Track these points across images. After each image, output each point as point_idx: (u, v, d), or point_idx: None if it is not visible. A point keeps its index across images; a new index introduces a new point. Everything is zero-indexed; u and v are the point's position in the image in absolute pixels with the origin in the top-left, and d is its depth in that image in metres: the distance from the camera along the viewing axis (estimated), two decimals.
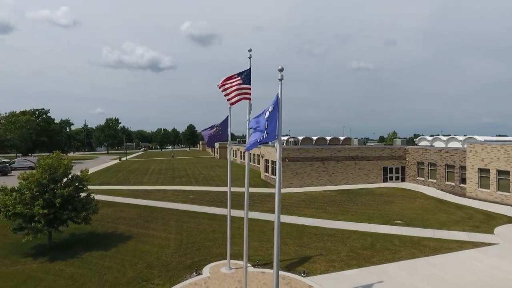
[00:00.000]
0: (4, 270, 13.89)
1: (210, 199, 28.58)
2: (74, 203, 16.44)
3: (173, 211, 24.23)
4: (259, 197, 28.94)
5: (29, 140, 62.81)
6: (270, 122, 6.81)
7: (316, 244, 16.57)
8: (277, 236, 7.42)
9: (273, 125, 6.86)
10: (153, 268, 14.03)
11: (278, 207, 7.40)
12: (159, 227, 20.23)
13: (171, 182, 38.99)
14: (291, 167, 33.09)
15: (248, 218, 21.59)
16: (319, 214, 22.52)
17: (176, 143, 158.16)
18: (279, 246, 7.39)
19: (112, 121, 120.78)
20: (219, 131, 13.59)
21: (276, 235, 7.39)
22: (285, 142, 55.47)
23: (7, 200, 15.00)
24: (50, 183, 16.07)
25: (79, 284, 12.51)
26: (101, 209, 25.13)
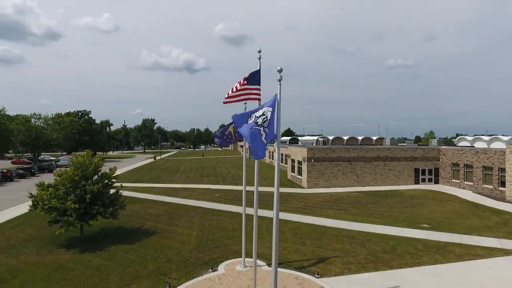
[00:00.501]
0: (40, 259, 15.17)
1: (234, 198, 29.05)
2: (102, 199, 17.55)
3: (198, 209, 24.98)
4: (283, 197, 28.94)
5: (72, 139, 67.45)
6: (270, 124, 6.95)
7: (334, 245, 16.37)
8: (276, 235, 7.53)
9: (272, 128, 6.99)
10: (172, 262, 14.63)
11: (277, 208, 7.51)
12: (182, 224, 20.97)
13: (200, 181, 40.07)
14: (316, 167, 32.74)
15: (268, 218, 21.87)
16: (342, 216, 22.14)
17: (209, 142, 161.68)
18: (277, 245, 7.50)
19: (148, 122, 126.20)
20: (236, 132, 13.82)
21: (274, 235, 7.51)
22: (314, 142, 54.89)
23: (44, 195, 16.37)
24: (81, 179, 17.27)
25: (103, 275, 13.38)
26: (132, 205, 26.63)
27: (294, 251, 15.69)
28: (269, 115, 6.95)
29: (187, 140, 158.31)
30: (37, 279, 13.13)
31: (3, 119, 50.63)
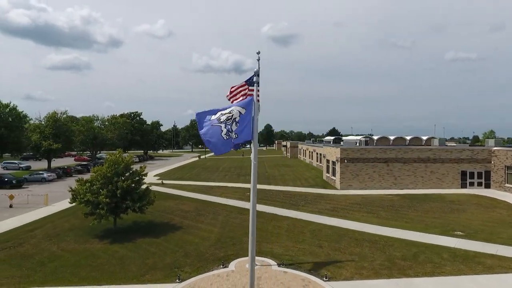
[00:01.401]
0: (76, 247, 16.86)
1: (264, 197, 29.30)
2: (132, 194, 18.91)
3: (225, 207, 25.68)
4: (313, 198, 28.56)
5: (125, 139, 72.96)
6: (240, 124, 7.11)
7: (352, 249, 15.87)
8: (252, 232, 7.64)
9: (243, 127, 7.14)
10: (189, 257, 15.35)
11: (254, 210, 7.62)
12: (208, 220, 21.76)
13: (235, 180, 40.97)
14: (350, 168, 31.68)
15: (293, 218, 21.75)
16: (369, 219, 21.27)
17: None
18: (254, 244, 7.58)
19: (196, 122, 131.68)
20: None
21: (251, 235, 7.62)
22: (357, 142, 53.07)
23: (80, 189, 18.14)
24: (114, 176, 18.80)
25: (125, 265, 14.50)
26: (167, 201, 28.23)
27: (308, 253, 15.52)
28: (237, 114, 7.10)
29: None
30: (69, 264, 14.66)
31: (65, 120, 56.44)
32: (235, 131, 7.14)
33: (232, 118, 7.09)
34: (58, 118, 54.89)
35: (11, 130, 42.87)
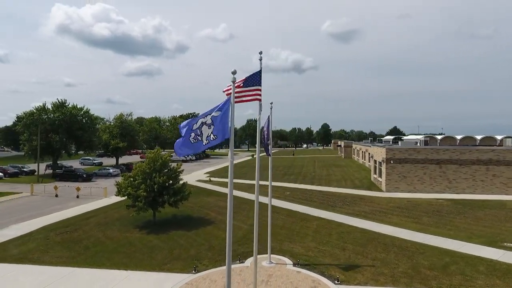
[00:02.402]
0: (118, 235, 18.77)
1: (303, 197, 29.06)
2: (168, 189, 20.39)
3: (260, 205, 26.02)
4: (353, 200, 27.48)
5: None
6: (218, 125, 7.42)
7: (377, 254, 15.10)
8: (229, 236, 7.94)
9: (220, 128, 7.44)
10: (211, 250, 16.11)
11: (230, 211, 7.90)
12: (240, 217, 22.40)
13: (280, 179, 41.13)
14: (397, 170, 29.70)
15: (325, 219, 21.33)
16: (407, 224, 19.86)
17: (310, 141, 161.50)
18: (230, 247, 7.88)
19: (252, 122, 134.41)
20: (265, 132, 14.40)
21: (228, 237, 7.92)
22: (418, 141, 49.54)
23: (123, 184, 20.13)
24: (152, 172, 20.47)
25: (153, 254, 15.79)
26: (209, 197, 29.68)
27: (329, 255, 15.18)
28: (209, 118, 7.43)
29: (288, 139, 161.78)
30: (108, 250, 16.44)
31: (131, 122, 62.29)
32: (213, 132, 7.48)
33: (204, 123, 7.47)
34: (124, 119, 60.84)
35: (84, 130, 48.74)
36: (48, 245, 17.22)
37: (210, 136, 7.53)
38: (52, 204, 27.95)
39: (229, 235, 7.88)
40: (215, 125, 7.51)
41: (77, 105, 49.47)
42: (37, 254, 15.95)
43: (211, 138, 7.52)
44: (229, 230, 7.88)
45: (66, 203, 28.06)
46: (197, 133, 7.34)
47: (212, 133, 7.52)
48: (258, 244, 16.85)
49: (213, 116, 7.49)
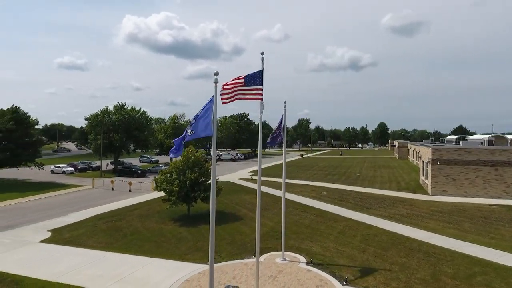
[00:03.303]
0: (154, 226, 20.44)
1: (338, 197, 28.42)
2: (199, 186, 21.62)
3: (293, 204, 26.17)
4: (392, 202, 26.14)
5: (233, 138, 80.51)
6: (197, 121, 8.01)
7: (397, 259, 14.41)
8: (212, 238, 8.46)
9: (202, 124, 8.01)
10: (232, 244, 16.82)
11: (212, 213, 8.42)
12: (269, 215, 22.81)
13: (321, 179, 40.51)
14: (444, 172, 27.41)
15: (354, 221, 20.83)
16: (443, 230, 18.45)
17: (365, 141, 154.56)
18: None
19: (303, 121, 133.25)
20: (278, 130, 14.67)
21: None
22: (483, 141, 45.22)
23: (159, 179, 21.85)
24: (185, 169, 21.88)
25: (178, 244, 16.98)
26: (245, 195, 30.59)
27: (346, 256, 14.90)
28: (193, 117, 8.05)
29: (342, 139, 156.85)
30: (142, 238, 18.06)
31: (184, 122, 66.17)
32: (191, 128, 8.10)
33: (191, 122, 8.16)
34: (177, 120, 64.92)
35: (141, 130, 53.17)
36: (94, 231, 19.48)
37: (188, 132, 8.15)
38: (107, 196, 31.21)
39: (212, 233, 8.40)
40: (193, 123, 8.13)
41: (134, 107, 54.20)
42: (84, 238, 18.18)
43: (188, 134, 8.14)
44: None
45: (119, 196, 31.10)
46: (186, 132, 8.04)
47: (190, 129, 8.13)
48: (279, 241, 17.21)
49: (196, 115, 8.12)
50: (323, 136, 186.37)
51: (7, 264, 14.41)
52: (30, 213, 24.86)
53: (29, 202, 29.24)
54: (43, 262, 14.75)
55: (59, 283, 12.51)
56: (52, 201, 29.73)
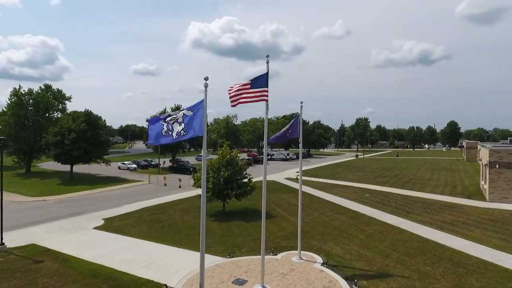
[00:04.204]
0: (189, 220, 21.94)
1: (380, 200, 27.17)
2: (232, 183, 22.62)
3: (329, 204, 25.80)
4: (439, 208, 24.20)
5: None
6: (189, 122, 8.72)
7: (421, 266, 13.60)
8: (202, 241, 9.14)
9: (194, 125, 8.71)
10: (255, 241, 17.36)
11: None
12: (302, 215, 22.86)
13: (369, 180, 38.85)
14: (505, 176, 24.41)
15: (389, 225, 20.01)
16: (488, 240, 16.72)
17: (432, 142, 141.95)
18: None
19: (361, 121, 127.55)
20: (289, 130, 14.86)
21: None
22: None
23: (196, 176, 23.36)
24: (220, 167, 23.05)
25: (207, 237, 17.59)
26: (284, 194, 30.95)
27: (365, 260, 14.50)
28: (181, 116, 8.76)
29: (405, 139, 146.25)
30: (177, 230, 19.59)
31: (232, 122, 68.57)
32: (184, 129, 8.85)
33: (175, 119, 8.86)
34: (230, 120, 67.50)
35: None
36: (139, 222, 21.67)
37: (180, 132, 8.92)
38: (159, 191, 34.09)
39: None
40: (185, 123, 8.87)
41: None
42: (128, 227, 20.37)
43: (181, 134, 8.91)
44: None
45: (169, 191, 33.74)
46: (169, 128, 8.84)
47: (182, 129, 8.90)
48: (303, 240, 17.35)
49: (184, 115, 8.87)
50: (385, 136, 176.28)
51: (63, 245, 16.94)
52: (93, 203, 28.46)
53: (95, 193, 33.38)
54: (90, 245, 17.00)
55: (96, 263, 14.41)
56: (113, 193, 33.51)
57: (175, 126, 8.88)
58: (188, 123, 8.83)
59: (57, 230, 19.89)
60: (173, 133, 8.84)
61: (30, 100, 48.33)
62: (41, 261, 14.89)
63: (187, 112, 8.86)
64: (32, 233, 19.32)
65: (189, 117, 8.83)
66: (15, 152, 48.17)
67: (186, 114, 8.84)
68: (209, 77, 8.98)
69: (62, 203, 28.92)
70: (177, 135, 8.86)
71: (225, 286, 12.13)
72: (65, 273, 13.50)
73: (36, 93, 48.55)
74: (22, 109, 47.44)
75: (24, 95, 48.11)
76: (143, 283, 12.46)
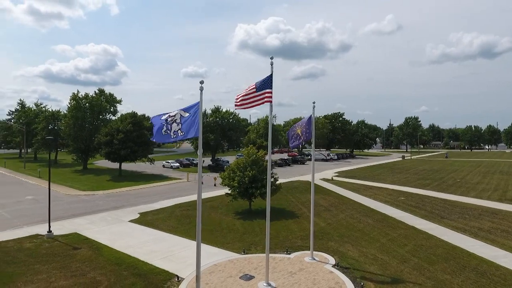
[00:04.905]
0: (217, 217, 22.84)
1: (415, 204, 25.83)
2: (256, 182, 23.09)
3: (359, 206, 25.17)
4: (479, 213, 22.53)
5: (325, 138, 79.37)
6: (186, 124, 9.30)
7: (438, 274, 12.92)
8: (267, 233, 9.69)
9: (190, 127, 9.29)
10: (274, 240, 17.62)
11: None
12: (326, 215, 22.69)
13: (409, 183, 36.89)
14: None
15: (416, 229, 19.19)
16: None
17: (493, 142, 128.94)
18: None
19: (411, 120, 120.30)
20: (307, 130, 14.93)
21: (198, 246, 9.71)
22: None
23: (222, 176, 24.22)
24: (246, 166, 23.66)
25: (228, 234, 18.78)
26: (315, 195, 30.59)
27: (380, 264, 14.13)
28: (178, 116, 9.38)
29: (461, 139, 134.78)
30: (207, 226, 20.42)
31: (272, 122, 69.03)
32: (181, 129, 9.47)
33: (173, 119, 9.50)
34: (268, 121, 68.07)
35: (234, 130, 58.00)
36: (169, 217, 23.07)
37: (178, 132, 9.55)
38: (195, 189, 35.67)
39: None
40: (183, 124, 9.50)
41: (229, 110, 59.45)
42: (159, 222, 21.81)
43: (178, 134, 9.54)
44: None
45: (204, 189, 34.96)
46: (168, 128, 9.52)
47: (180, 129, 9.53)
48: (320, 241, 17.29)
49: (181, 116, 9.50)
50: (439, 136, 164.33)
51: (100, 235, 18.74)
52: (134, 198, 30.73)
53: (137, 190, 35.95)
54: (122, 236, 18.59)
55: (123, 252, 15.79)
56: (153, 190, 35.80)
57: (173, 126, 9.55)
58: (185, 124, 9.47)
59: (98, 222, 21.95)
60: (171, 132, 9.52)
61: (86, 104, 53.27)
62: (78, 248, 16.68)
63: (183, 113, 9.49)
64: (76, 223, 21.57)
65: (186, 118, 9.46)
66: (74, 150, 53.47)
67: (183, 115, 9.47)
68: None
69: (108, 197, 31.64)
70: (174, 134, 9.53)
71: (232, 280, 12.64)
72: (95, 259, 15.03)
73: (91, 97, 53.39)
74: (79, 112, 52.49)
75: (81, 99, 53.17)
76: (159, 273, 13.46)
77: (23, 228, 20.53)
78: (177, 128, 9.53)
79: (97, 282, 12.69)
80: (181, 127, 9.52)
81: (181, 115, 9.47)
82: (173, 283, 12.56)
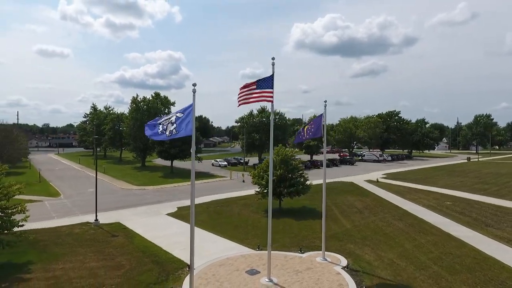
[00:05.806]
0: (246, 214, 23.56)
1: (461, 210, 23.67)
2: (284, 181, 23.31)
3: (395, 209, 24.02)
4: None
5: (378, 138, 75.22)
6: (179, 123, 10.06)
7: (456, 285, 12.05)
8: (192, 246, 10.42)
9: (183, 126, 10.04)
10: (292, 238, 17.88)
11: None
12: (355, 217, 22.07)
13: (463, 187, 33.64)
14: None
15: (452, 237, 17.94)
16: None
17: None
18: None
19: (482, 118, 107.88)
20: (312, 128, 14.89)
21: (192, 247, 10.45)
22: None
23: (252, 173, 24.87)
24: (276, 164, 23.99)
25: (250, 231, 19.36)
26: (353, 196, 29.89)
27: (394, 269, 13.55)
28: (173, 117, 10.18)
29: None
30: (230, 222, 21.39)
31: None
32: (175, 128, 10.28)
33: (169, 121, 10.34)
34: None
35: (280, 130, 58.37)
36: (203, 212, 24.42)
37: (173, 131, 10.38)
38: (235, 187, 36.91)
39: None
40: (177, 123, 10.31)
41: (275, 110, 59.94)
42: None
43: (173, 132, 10.36)
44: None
45: (243, 187, 36.24)
46: (164, 128, 10.41)
47: (174, 128, 10.35)
48: (340, 242, 17.02)
49: (176, 116, 10.33)
50: None
51: (137, 225, 20.69)
52: (178, 193, 32.96)
53: (183, 186, 38.36)
54: (156, 227, 20.32)
55: (151, 242, 17.35)
56: (198, 186, 37.61)
57: (168, 126, 10.46)
58: (179, 124, 10.30)
59: (140, 213, 24.18)
60: (167, 131, 10.42)
61: (144, 106, 58.18)
62: (116, 235, 18.70)
63: (179, 115, 10.34)
64: (121, 214, 24.01)
65: (181, 118, 10.29)
66: (133, 149, 58.77)
67: (179, 116, 10.32)
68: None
69: (156, 192, 34.38)
70: (169, 133, 10.40)
71: (238, 274, 13.22)
72: (126, 246, 16.78)
73: (148, 100, 58.16)
74: (138, 113, 57.54)
75: (140, 102, 58.22)
76: (174, 261, 14.62)
77: (78, 216, 23.52)
78: (172, 128, 10.42)
79: (121, 266, 14.25)
80: (175, 126, 10.39)
81: (176, 116, 10.33)
82: (184, 271, 13.55)
